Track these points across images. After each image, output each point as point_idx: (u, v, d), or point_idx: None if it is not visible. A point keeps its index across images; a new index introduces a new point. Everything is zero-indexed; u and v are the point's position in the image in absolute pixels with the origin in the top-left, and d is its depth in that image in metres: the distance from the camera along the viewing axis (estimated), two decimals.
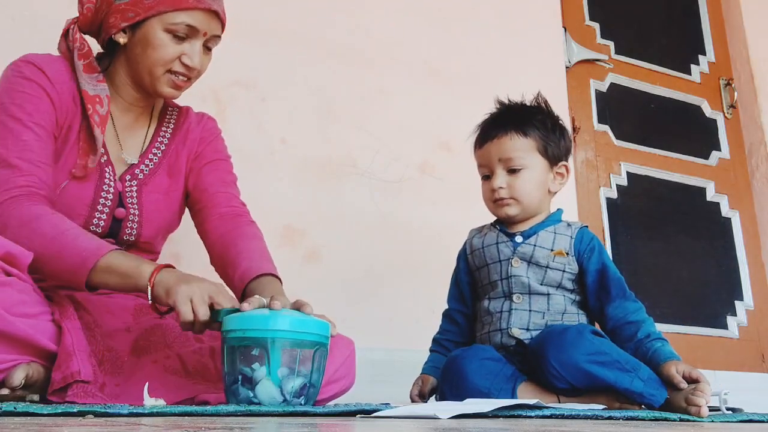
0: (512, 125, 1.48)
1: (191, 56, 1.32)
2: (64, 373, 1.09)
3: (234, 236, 1.38)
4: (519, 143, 1.47)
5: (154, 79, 1.33)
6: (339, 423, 0.85)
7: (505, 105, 1.56)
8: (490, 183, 1.49)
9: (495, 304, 1.47)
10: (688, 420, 1.18)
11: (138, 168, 1.40)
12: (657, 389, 1.29)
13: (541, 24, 2.63)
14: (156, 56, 1.30)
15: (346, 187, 2.11)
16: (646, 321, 1.39)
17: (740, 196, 2.95)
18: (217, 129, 1.53)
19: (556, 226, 1.49)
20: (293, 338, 1.08)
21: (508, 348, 1.42)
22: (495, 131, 1.49)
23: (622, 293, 1.43)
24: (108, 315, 1.29)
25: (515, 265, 1.45)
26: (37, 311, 1.14)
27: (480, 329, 1.50)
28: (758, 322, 2.79)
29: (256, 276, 1.28)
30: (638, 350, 1.35)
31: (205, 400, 1.15)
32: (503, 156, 1.47)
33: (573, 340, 1.30)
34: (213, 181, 1.45)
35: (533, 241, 1.46)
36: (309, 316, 1.12)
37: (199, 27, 1.31)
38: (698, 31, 3.12)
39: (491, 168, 1.49)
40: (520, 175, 1.47)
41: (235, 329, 1.09)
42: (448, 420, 0.95)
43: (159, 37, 1.29)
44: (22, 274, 1.13)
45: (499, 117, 1.53)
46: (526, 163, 1.47)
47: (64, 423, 0.74)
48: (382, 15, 2.31)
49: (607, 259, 1.47)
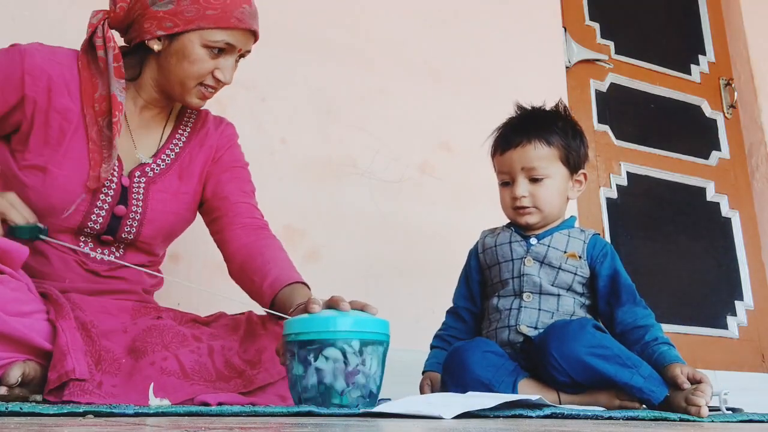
0: (535, 133, 1.47)
1: (224, 71, 1.33)
2: (59, 372, 1.09)
3: (260, 246, 1.38)
4: (542, 152, 1.46)
5: (185, 90, 1.33)
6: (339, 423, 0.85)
7: (526, 110, 1.55)
8: (510, 190, 1.48)
9: (504, 301, 1.46)
10: (688, 420, 1.18)
11: (149, 166, 1.39)
12: (657, 386, 1.29)
13: (541, 24, 2.63)
14: (191, 70, 1.31)
15: (346, 187, 2.11)
16: (655, 326, 1.39)
17: (740, 196, 2.95)
18: (236, 135, 1.53)
19: (570, 230, 1.49)
20: (370, 338, 1.09)
21: (514, 345, 1.42)
22: (518, 138, 1.47)
23: (632, 299, 1.44)
24: (104, 315, 1.29)
25: (528, 264, 1.45)
26: (31, 309, 1.13)
27: (487, 326, 1.50)
28: (758, 322, 2.79)
29: (287, 284, 1.29)
30: (644, 352, 1.35)
31: (204, 401, 1.14)
32: (526, 165, 1.46)
33: (575, 333, 1.31)
34: (233, 190, 1.45)
35: (547, 242, 1.46)
36: (374, 316, 1.12)
37: (236, 45, 1.32)
38: (698, 31, 3.12)
39: (513, 176, 1.48)
40: (543, 184, 1.46)
41: (308, 331, 1.08)
42: (449, 420, 0.95)
43: (197, 52, 1.30)
44: (15, 272, 1.12)
45: (521, 123, 1.51)
46: (548, 173, 1.46)
47: (65, 423, 0.74)
48: (383, 15, 2.31)
49: (619, 266, 1.47)
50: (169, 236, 1.45)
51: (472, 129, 2.35)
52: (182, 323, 1.35)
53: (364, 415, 1.02)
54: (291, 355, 1.10)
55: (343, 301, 1.12)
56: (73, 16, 1.81)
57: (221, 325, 1.37)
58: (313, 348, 1.07)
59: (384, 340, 1.12)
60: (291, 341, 1.09)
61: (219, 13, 1.28)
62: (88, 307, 1.28)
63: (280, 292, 1.28)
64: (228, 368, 1.24)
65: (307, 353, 1.07)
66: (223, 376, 1.23)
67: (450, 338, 1.54)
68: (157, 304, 1.45)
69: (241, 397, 1.20)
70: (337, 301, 1.12)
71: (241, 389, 1.22)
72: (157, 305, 1.44)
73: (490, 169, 1.57)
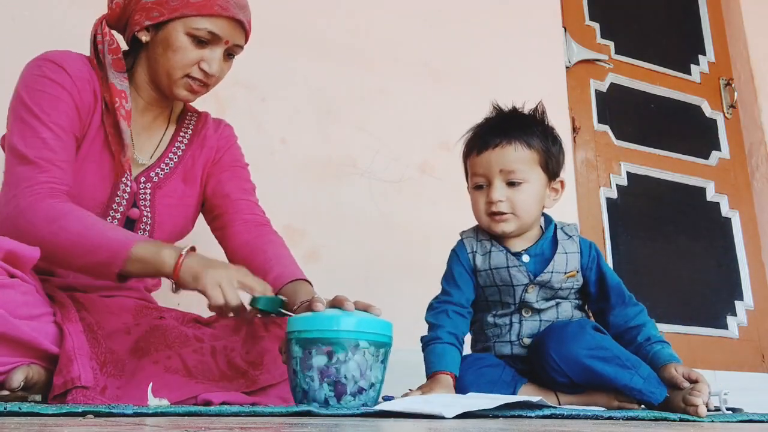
0: (516, 134, 1.38)
1: (210, 63, 1.31)
2: (65, 378, 1.09)
3: (261, 243, 1.39)
4: (522, 155, 1.38)
5: (172, 81, 1.33)
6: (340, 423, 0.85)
7: (504, 111, 1.46)
8: (485, 194, 1.40)
9: (502, 318, 1.44)
10: (688, 420, 1.18)
11: (153, 171, 1.39)
12: (657, 387, 1.28)
13: (541, 24, 2.64)
14: (175, 59, 1.30)
15: (346, 187, 2.11)
16: (647, 324, 1.38)
17: (740, 196, 2.95)
18: (234, 136, 1.53)
19: (563, 243, 1.43)
20: (373, 339, 1.09)
21: (515, 358, 1.40)
22: (497, 139, 1.39)
23: (621, 300, 1.42)
24: (109, 315, 1.29)
25: (530, 291, 1.40)
26: (39, 312, 1.13)
27: (484, 340, 1.46)
28: (758, 322, 2.79)
29: (290, 281, 1.29)
30: (639, 353, 1.34)
31: (207, 399, 1.15)
32: (505, 167, 1.37)
33: (574, 335, 1.30)
34: (234, 188, 1.46)
35: (550, 268, 1.40)
36: (377, 317, 1.12)
37: (221, 34, 1.31)
38: (698, 31, 3.12)
39: (489, 178, 1.39)
40: (521, 188, 1.38)
41: (311, 329, 1.08)
42: (449, 420, 0.95)
43: (180, 41, 1.29)
44: (25, 275, 1.12)
45: (500, 123, 1.43)
46: (527, 177, 1.38)
47: (64, 423, 0.74)
48: (382, 15, 2.31)
49: (604, 266, 1.45)
50: (179, 238, 1.47)
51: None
52: (184, 323, 1.36)
53: (364, 415, 1.02)
54: (293, 353, 1.09)
55: (348, 300, 1.12)
56: (73, 16, 1.81)
57: (223, 325, 1.37)
58: (316, 346, 1.06)
59: (387, 341, 1.12)
60: (294, 338, 1.09)
61: (202, 1, 1.28)
62: (93, 307, 1.28)
63: (282, 288, 1.28)
64: (231, 368, 1.24)
65: (310, 351, 1.07)
66: (226, 375, 1.23)
67: (448, 335, 1.39)
68: (158, 304, 1.45)
69: (245, 396, 1.20)
70: (341, 301, 1.12)
71: (244, 389, 1.22)
72: (158, 305, 1.44)
73: None
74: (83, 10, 1.80)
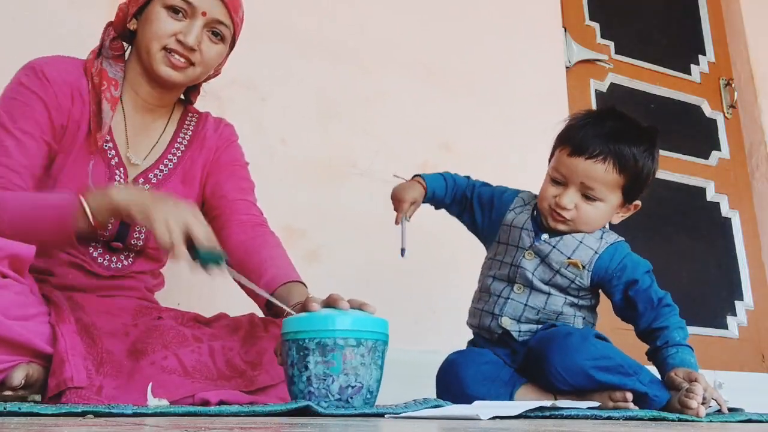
0: (614, 152, 1.35)
1: (186, 34, 1.30)
2: (58, 379, 1.09)
3: (257, 244, 1.38)
4: (609, 177, 1.36)
5: (151, 56, 1.32)
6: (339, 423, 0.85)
7: (616, 113, 1.44)
8: (558, 192, 1.39)
9: (497, 285, 1.46)
10: (687, 420, 1.19)
11: (152, 172, 1.39)
12: (659, 391, 1.31)
13: (541, 24, 2.63)
14: (152, 31, 1.30)
15: (346, 187, 2.11)
16: (669, 327, 1.36)
17: (740, 196, 2.95)
18: (234, 135, 1.52)
19: (587, 235, 1.42)
20: (369, 338, 1.08)
21: (492, 334, 1.42)
22: (592, 149, 1.35)
23: (650, 305, 1.39)
24: (107, 316, 1.28)
25: (528, 257, 1.42)
26: (33, 313, 1.13)
27: (476, 301, 1.50)
28: (758, 322, 2.79)
29: (284, 283, 1.28)
30: (656, 358, 1.36)
31: (205, 398, 1.14)
32: (587, 182, 1.37)
33: (578, 346, 1.30)
34: (231, 188, 1.45)
35: (554, 242, 1.41)
36: (372, 315, 1.11)
37: (196, 4, 1.30)
38: (698, 31, 3.12)
39: (568, 182, 1.38)
40: (594, 204, 1.38)
41: (307, 330, 1.07)
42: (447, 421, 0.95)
43: (157, 13, 1.30)
44: (20, 276, 1.12)
45: (604, 129, 1.39)
46: (604, 197, 1.38)
47: (64, 423, 0.74)
48: (382, 15, 2.31)
49: (639, 275, 1.41)
50: None
51: (473, 129, 2.36)
52: (183, 323, 1.35)
53: (364, 415, 1.02)
54: (289, 354, 1.09)
55: (342, 299, 1.11)
56: (73, 17, 1.81)
57: (222, 325, 1.36)
58: (312, 346, 1.07)
59: (383, 339, 1.12)
60: (289, 339, 1.09)
61: None
62: (90, 307, 1.28)
63: (276, 290, 1.28)
64: (229, 368, 1.24)
65: (306, 352, 1.07)
66: (225, 375, 1.22)
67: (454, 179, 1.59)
68: (158, 304, 1.45)
69: (243, 395, 1.19)
70: (335, 300, 1.11)
71: (242, 389, 1.22)
72: (158, 305, 1.44)
73: (490, 169, 1.56)
74: (83, 11, 1.81)
